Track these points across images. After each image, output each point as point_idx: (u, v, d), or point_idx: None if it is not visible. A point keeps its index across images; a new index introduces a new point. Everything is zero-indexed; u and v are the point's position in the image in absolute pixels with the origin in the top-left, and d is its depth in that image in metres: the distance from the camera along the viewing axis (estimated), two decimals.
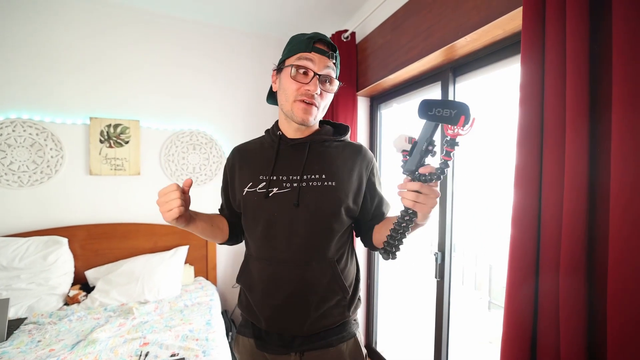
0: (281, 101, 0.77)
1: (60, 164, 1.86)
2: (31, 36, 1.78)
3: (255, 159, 0.82)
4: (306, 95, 0.72)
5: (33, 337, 1.36)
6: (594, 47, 0.76)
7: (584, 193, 0.74)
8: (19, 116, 1.77)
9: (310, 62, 0.71)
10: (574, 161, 0.75)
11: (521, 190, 0.86)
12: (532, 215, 0.84)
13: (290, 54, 0.73)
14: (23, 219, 1.79)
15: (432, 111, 0.53)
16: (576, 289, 0.74)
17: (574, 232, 0.74)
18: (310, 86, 0.71)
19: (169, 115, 2.14)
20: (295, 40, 0.75)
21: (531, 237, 0.84)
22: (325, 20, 2.16)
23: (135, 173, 2.03)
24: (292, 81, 0.72)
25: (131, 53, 2.02)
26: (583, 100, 0.74)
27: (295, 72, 0.71)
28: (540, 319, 0.83)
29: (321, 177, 0.76)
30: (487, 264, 2.74)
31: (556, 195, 0.79)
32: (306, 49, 0.71)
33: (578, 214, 0.74)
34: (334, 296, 0.77)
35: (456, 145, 0.55)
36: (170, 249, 2.05)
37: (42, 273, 1.66)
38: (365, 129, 2.12)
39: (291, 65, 0.71)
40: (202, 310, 1.67)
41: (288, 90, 0.73)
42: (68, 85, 1.87)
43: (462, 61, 1.40)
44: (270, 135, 0.84)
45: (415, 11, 1.49)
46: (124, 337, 1.36)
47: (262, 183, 0.76)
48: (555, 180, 0.79)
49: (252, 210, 0.77)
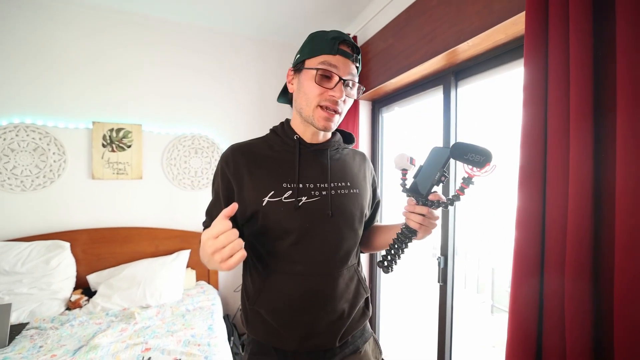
0: (300, 104, 0.71)
1: (62, 168, 1.87)
2: (33, 40, 1.79)
3: (271, 164, 0.72)
4: (330, 102, 0.67)
5: (35, 343, 1.35)
6: (597, 48, 0.76)
7: (589, 194, 0.73)
8: (22, 121, 1.78)
9: (335, 66, 0.66)
10: (578, 163, 0.74)
11: (525, 192, 0.86)
12: (537, 217, 0.84)
13: (313, 55, 0.68)
14: (25, 223, 1.80)
15: (467, 155, 0.57)
16: (581, 291, 0.73)
17: (579, 234, 0.73)
18: (335, 92, 0.67)
19: (171, 119, 2.14)
20: (317, 40, 0.69)
21: (536, 239, 0.84)
22: (327, 24, 2.17)
23: (137, 177, 2.04)
24: (315, 85, 0.67)
25: (133, 57, 2.03)
26: (587, 101, 0.74)
27: (320, 78, 0.66)
28: (545, 322, 0.82)
29: (347, 185, 0.76)
30: (489, 267, 2.72)
31: (561, 196, 0.79)
32: (331, 51, 0.66)
33: (583, 216, 0.73)
34: (360, 299, 0.77)
35: (472, 184, 0.59)
36: (172, 253, 2.05)
37: (44, 277, 1.66)
38: (367, 133, 2.12)
39: (315, 69, 0.66)
40: (204, 315, 1.66)
41: (310, 94, 0.68)
42: (71, 89, 1.88)
43: (463, 65, 1.40)
44: (284, 138, 0.76)
45: (416, 16, 1.49)
46: (126, 343, 1.35)
47: (288, 192, 0.69)
48: (560, 182, 0.79)
49: (277, 222, 0.69)
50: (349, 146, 0.85)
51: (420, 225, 0.65)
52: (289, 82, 0.75)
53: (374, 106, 2.11)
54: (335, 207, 0.72)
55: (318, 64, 0.67)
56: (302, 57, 0.70)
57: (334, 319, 0.71)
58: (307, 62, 0.69)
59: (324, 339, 0.71)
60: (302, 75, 0.70)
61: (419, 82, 1.68)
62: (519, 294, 0.86)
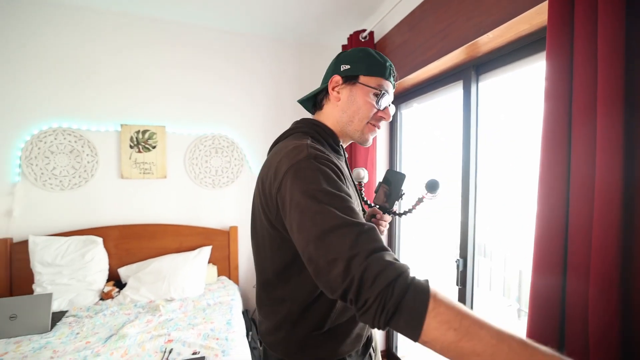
0: (349, 115, 0.72)
1: (95, 168, 2.00)
2: (68, 52, 1.93)
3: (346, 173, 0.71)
4: (379, 121, 0.74)
5: (72, 329, 1.48)
6: (630, 39, 0.68)
7: (618, 196, 0.68)
8: (59, 125, 1.93)
9: (387, 92, 0.72)
10: (606, 163, 0.69)
11: (546, 191, 0.81)
12: (559, 216, 0.79)
13: (369, 74, 0.71)
14: (64, 219, 1.95)
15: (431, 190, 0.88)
16: (607, 296, 0.68)
17: (607, 237, 0.68)
18: (386, 115, 0.74)
19: (192, 120, 2.23)
20: (373, 60, 0.72)
21: (558, 240, 0.79)
22: (343, 22, 2.14)
23: (162, 176, 2.14)
24: (372, 104, 0.71)
25: (157, 62, 2.12)
26: (617, 97, 0.68)
27: (381, 99, 0.71)
28: (567, 326, 0.78)
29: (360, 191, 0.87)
30: (516, 268, 2.59)
31: (586, 198, 0.74)
32: (387, 77, 0.72)
33: (611, 216, 0.68)
34: None
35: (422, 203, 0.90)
36: (194, 249, 2.14)
37: (80, 270, 1.80)
38: (385, 130, 2.08)
39: (378, 89, 0.70)
40: (223, 310, 1.73)
41: (364, 110, 0.71)
42: (101, 95, 2.01)
43: (485, 58, 1.32)
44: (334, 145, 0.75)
45: (433, 9, 1.43)
46: (151, 334, 1.44)
47: (356, 200, 0.72)
48: (586, 183, 0.74)
49: None
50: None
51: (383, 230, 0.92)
52: (334, 90, 0.73)
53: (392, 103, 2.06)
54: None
55: (376, 85, 0.71)
56: (355, 71, 0.71)
57: None
58: (362, 79, 0.71)
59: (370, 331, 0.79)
60: (356, 89, 0.71)
61: (438, 77, 1.61)
62: (539, 296, 0.82)
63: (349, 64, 0.72)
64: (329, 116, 0.75)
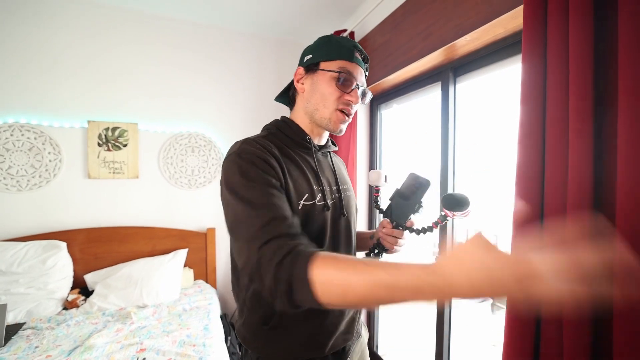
0: (315, 105, 0.71)
1: (58, 167, 1.86)
2: (27, 39, 1.77)
3: (298, 164, 0.70)
4: (347, 105, 0.70)
5: (31, 343, 1.35)
6: (598, 43, 0.73)
7: (588, 193, 0.71)
8: (16, 120, 1.77)
9: (351, 73, 0.68)
10: (578, 160, 0.72)
11: (523, 189, 0.84)
12: (535, 215, 0.82)
13: (329, 58, 0.69)
14: (22, 223, 1.79)
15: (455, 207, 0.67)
16: None
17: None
18: (353, 97, 0.69)
19: (167, 117, 2.13)
20: (334, 44, 0.70)
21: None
22: (324, 20, 2.13)
23: (133, 176, 2.02)
24: (335, 88, 0.68)
25: (128, 55, 2.00)
26: (587, 98, 0.71)
27: (342, 81, 0.68)
28: (543, 320, 0.81)
29: (348, 187, 0.81)
30: None
31: (559, 194, 0.77)
32: (349, 58, 0.68)
33: (582, 215, 0.71)
34: None
35: (446, 221, 0.71)
36: (169, 252, 2.04)
37: (40, 277, 1.65)
38: (365, 130, 2.09)
39: (337, 72, 0.67)
40: (200, 315, 1.65)
41: (329, 97, 0.69)
42: (65, 88, 1.86)
43: (462, 61, 1.36)
44: (296, 138, 0.73)
45: (413, 10, 1.46)
46: (121, 343, 1.35)
47: (319, 194, 0.69)
48: (559, 180, 0.77)
49: (310, 227, 0.66)
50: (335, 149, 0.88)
51: (394, 246, 0.76)
52: (298, 81, 0.74)
53: (372, 103, 2.08)
54: (346, 208, 0.75)
55: (337, 68, 0.68)
56: (316, 58, 0.70)
57: (353, 314, 0.77)
58: (323, 64, 0.69)
59: (347, 335, 0.75)
60: (317, 76, 0.70)
61: (418, 78, 1.64)
62: None
63: (311, 53, 0.72)
64: (299, 110, 0.75)
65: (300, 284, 0.45)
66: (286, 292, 0.46)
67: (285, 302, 0.47)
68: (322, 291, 0.44)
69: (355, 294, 0.42)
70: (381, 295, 0.41)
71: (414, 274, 0.39)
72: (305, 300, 0.45)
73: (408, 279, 0.39)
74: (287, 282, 0.45)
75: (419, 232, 0.74)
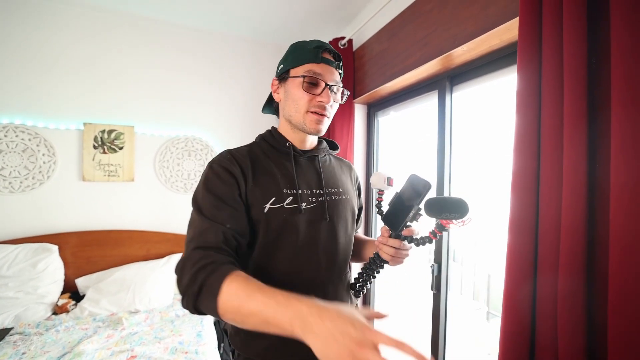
0: (289, 111, 0.73)
1: (52, 169, 1.84)
2: (24, 40, 1.77)
3: (270, 169, 0.71)
4: (319, 107, 0.70)
5: (18, 349, 1.32)
6: (591, 53, 0.74)
7: (582, 198, 0.72)
8: (11, 121, 1.75)
9: (320, 74, 0.69)
10: (572, 166, 0.73)
11: (518, 195, 0.85)
12: (530, 220, 0.83)
13: (296, 64, 0.71)
14: (13, 225, 1.76)
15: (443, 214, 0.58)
16: (574, 293, 0.72)
17: (573, 238, 0.72)
18: (323, 97, 0.70)
19: (164, 121, 2.12)
20: (300, 50, 0.72)
21: (529, 243, 0.83)
22: (323, 27, 2.16)
23: (129, 179, 2.01)
24: (303, 92, 0.69)
25: (126, 58, 2.00)
26: (581, 106, 0.73)
27: (307, 85, 0.69)
28: (538, 325, 0.81)
29: (339, 191, 0.79)
30: (485, 273, 2.70)
31: (554, 200, 0.78)
32: (315, 59, 0.69)
33: (577, 219, 0.72)
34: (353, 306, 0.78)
35: (445, 231, 0.61)
36: (163, 257, 2.01)
37: (30, 281, 1.62)
38: (362, 136, 2.10)
39: (302, 76, 0.69)
40: (193, 321, 1.63)
41: (299, 101, 0.70)
42: (62, 90, 1.86)
43: (459, 70, 1.38)
44: (276, 145, 0.76)
45: (411, 19, 1.48)
46: (111, 350, 1.32)
47: (289, 197, 0.69)
48: (554, 186, 0.78)
49: (277, 230, 0.67)
50: (334, 152, 0.87)
51: (392, 257, 0.70)
52: (275, 92, 0.77)
53: (369, 110, 2.09)
54: (332, 213, 0.74)
55: (304, 72, 0.69)
56: (286, 66, 0.73)
57: None
58: (292, 72, 0.72)
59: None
60: (288, 84, 0.72)
61: (415, 86, 1.66)
62: (512, 297, 0.85)
63: (282, 63, 0.75)
64: (282, 117, 0.78)
65: (209, 292, 0.50)
66: (195, 294, 0.52)
67: (191, 303, 0.53)
68: (222, 304, 0.49)
69: (242, 315, 0.48)
70: (255, 322, 0.48)
71: (268, 304, 0.46)
72: (207, 307, 0.51)
73: (264, 309, 0.46)
74: (199, 286, 0.51)
75: (419, 243, 0.66)
